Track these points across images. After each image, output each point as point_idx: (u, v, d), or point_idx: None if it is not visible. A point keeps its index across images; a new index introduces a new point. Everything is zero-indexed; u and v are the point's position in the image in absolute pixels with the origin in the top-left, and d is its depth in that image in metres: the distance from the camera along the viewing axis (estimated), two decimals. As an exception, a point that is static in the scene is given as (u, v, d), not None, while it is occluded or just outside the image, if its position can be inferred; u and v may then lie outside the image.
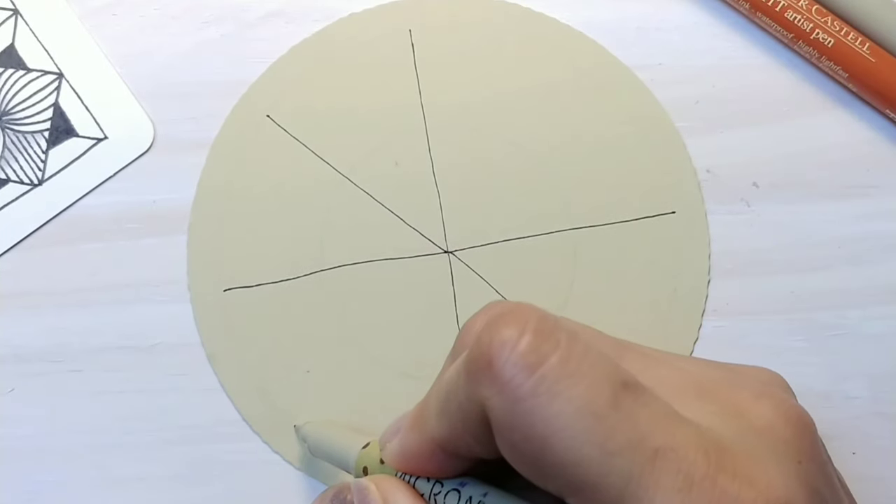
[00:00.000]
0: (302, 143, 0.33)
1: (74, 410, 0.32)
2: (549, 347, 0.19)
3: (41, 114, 0.33)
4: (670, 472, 0.18)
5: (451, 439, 0.21)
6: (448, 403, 0.21)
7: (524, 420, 0.19)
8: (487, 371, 0.19)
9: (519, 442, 0.19)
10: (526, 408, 0.18)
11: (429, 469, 0.23)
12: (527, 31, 0.33)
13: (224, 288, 0.32)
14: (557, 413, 0.18)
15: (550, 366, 0.19)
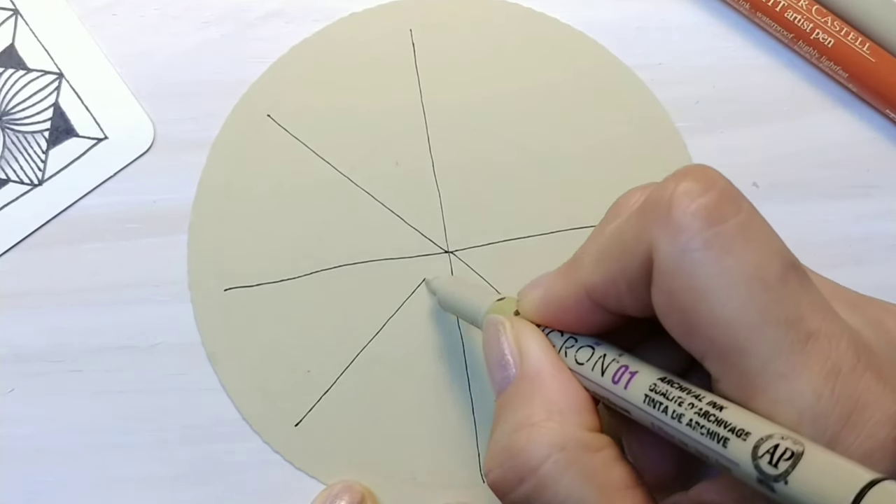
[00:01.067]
0: (302, 142, 0.33)
1: (74, 410, 0.32)
2: (732, 210, 0.19)
3: (41, 114, 0.33)
4: (820, 357, 0.18)
5: (603, 286, 0.21)
6: (609, 249, 0.21)
7: (690, 270, 0.19)
8: (665, 214, 0.19)
9: (678, 290, 0.19)
10: (695, 258, 0.19)
11: (567, 320, 0.23)
12: (527, 31, 0.33)
13: (225, 287, 0.32)
14: (725, 271, 0.18)
15: (729, 225, 0.19)
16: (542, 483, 0.21)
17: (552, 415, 0.21)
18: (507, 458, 0.21)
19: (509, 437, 0.22)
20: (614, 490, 0.21)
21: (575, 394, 0.22)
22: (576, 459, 0.21)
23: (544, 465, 0.21)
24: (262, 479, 0.32)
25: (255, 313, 0.32)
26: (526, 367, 0.23)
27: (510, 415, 0.22)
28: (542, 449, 0.21)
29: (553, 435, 0.21)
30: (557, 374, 0.22)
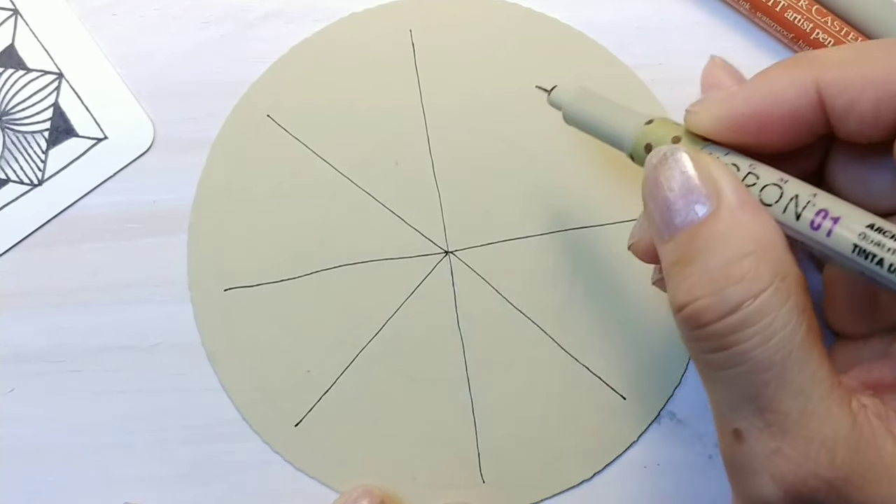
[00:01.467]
0: (302, 142, 0.33)
1: (74, 410, 0.32)
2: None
3: (41, 114, 0.33)
4: None
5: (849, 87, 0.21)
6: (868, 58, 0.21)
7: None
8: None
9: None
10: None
11: (750, 133, 0.22)
12: (527, 32, 0.33)
13: (225, 287, 0.32)
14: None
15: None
16: (762, 309, 0.20)
17: (768, 248, 0.20)
18: (723, 285, 0.20)
19: (724, 267, 0.20)
20: (818, 333, 0.20)
21: (775, 230, 0.21)
22: (794, 291, 0.20)
23: (767, 291, 0.20)
24: (262, 479, 0.32)
25: (255, 313, 0.32)
26: (727, 197, 0.21)
27: (717, 247, 0.21)
28: (766, 276, 0.20)
29: (774, 264, 0.20)
30: (757, 211, 0.21)
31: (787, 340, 0.20)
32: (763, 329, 0.20)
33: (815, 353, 0.20)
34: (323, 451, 0.32)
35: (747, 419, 0.20)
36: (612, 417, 0.31)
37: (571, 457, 0.31)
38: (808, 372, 0.20)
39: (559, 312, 0.32)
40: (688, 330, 0.21)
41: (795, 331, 0.20)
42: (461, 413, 0.32)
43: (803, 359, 0.20)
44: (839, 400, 0.20)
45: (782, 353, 0.20)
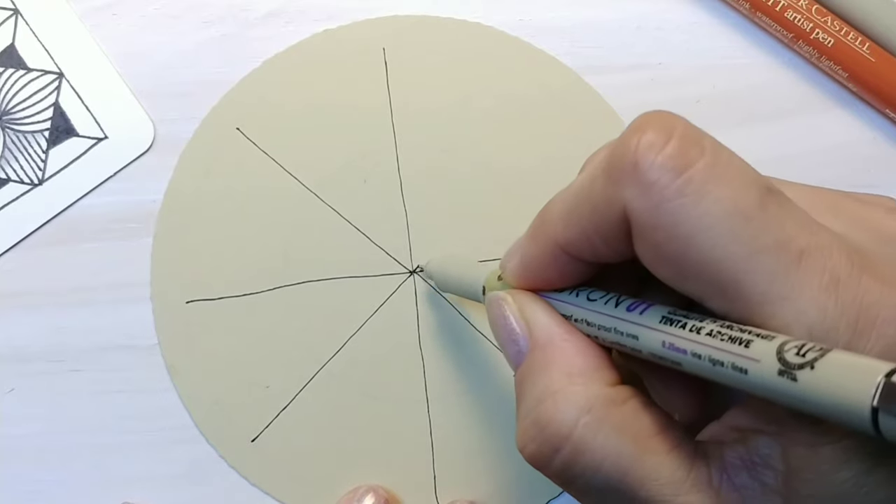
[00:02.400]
0: (271, 157, 0.33)
1: (74, 410, 0.32)
2: (696, 153, 0.19)
3: (41, 113, 0.33)
4: (816, 271, 0.18)
5: (577, 241, 0.22)
6: (578, 208, 0.21)
7: (669, 220, 0.19)
8: (632, 173, 0.19)
9: (662, 242, 0.19)
10: (671, 208, 0.19)
11: (550, 278, 0.23)
12: (499, 54, 0.33)
13: (187, 300, 0.32)
14: (704, 213, 0.19)
15: (697, 169, 0.19)
16: (577, 448, 0.21)
17: (572, 378, 0.21)
18: (537, 432, 0.21)
19: (535, 410, 0.21)
20: (648, 436, 0.21)
21: (589, 353, 0.22)
22: (604, 417, 0.21)
23: (575, 431, 0.21)
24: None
25: (217, 327, 0.32)
26: (536, 336, 0.23)
27: (530, 388, 0.22)
28: (569, 415, 0.21)
29: (577, 398, 0.21)
30: (569, 337, 0.22)
31: (615, 466, 0.20)
32: (588, 465, 0.21)
33: (653, 460, 0.20)
34: (279, 467, 0.32)
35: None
36: None
37: (527, 483, 0.31)
38: (649, 481, 0.20)
39: None
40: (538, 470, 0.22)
41: (620, 453, 0.20)
42: (419, 435, 0.32)
43: (640, 472, 0.20)
44: (695, 486, 0.20)
45: (617, 476, 0.20)
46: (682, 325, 0.19)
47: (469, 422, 0.32)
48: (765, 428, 0.20)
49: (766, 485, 0.20)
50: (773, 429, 0.20)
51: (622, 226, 0.20)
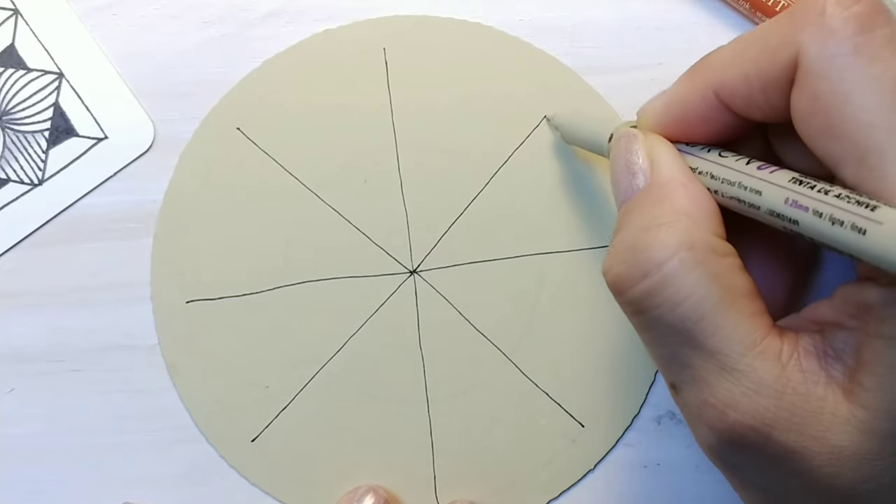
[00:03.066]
0: (271, 157, 0.33)
1: (74, 410, 0.32)
2: (882, 20, 0.20)
3: (41, 113, 0.33)
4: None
5: (734, 84, 0.22)
6: (748, 49, 0.22)
7: (837, 73, 0.20)
8: (818, 19, 0.20)
9: (824, 93, 0.20)
10: (844, 62, 0.20)
11: (689, 120, 0.24)
12: (500, 54, 0.33)
13: (187, 299, 0.32)
14: (874, 76, 0.19)
15: (879, 34, 0.20)
16: (667, 279, 0.21)
17: (681, 217, 0.22)
18: (631, 255, 0.22)
19: (636, 236, 0.22)
20: (737, 294, 0.21)
21: (705, 202, 0.23)
22: (703, 260, 0.21)
23: (671, 262, 0.21)
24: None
25: (217, 327, 0.32)
26: (657, 174, 0.23)
27: (637, 217, 0.23)
28: (669, 246, 0.21)
29: (682, 234, 0.22)
30: (688, 183, 0.23)
31: (696, 306, 0.21)
32: (671, 297, 0.21)
33: (733, 315, 0.21)
34: (279, 467, 0.32)
35: (677, 375, 0.22)
36: (570, 444, 0.31)
37: (527, 483, 0.31)
38: (722, 333, 0.21)
39: (521, 337, 0.32)
40: (614, 295, 0.23)
41: (706, 296, 0.21)
42: (419, 435, 0.32)
43: (717, 322, 0.21)
44: (763, 352, 0.21)
45: (692, 319, 0.21)
46: (811, 187, 0.20)
47: (469, 422, 0.32)
48: (846, 322, 0.21)
49: (832, 377, 0.20)
50: (854, 323, 0.20)
51: (787, 72, 0.21)
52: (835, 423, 0.20)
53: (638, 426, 0.32)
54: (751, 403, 0.21)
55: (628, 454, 0.32)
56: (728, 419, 0.21)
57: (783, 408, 0.20)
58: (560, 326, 0.32)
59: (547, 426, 0.31)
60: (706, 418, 0.21)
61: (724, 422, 0.21)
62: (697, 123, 0.24)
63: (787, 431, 0.20)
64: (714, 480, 0.31)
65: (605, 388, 0.32)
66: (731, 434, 0.21)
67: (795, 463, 0.20)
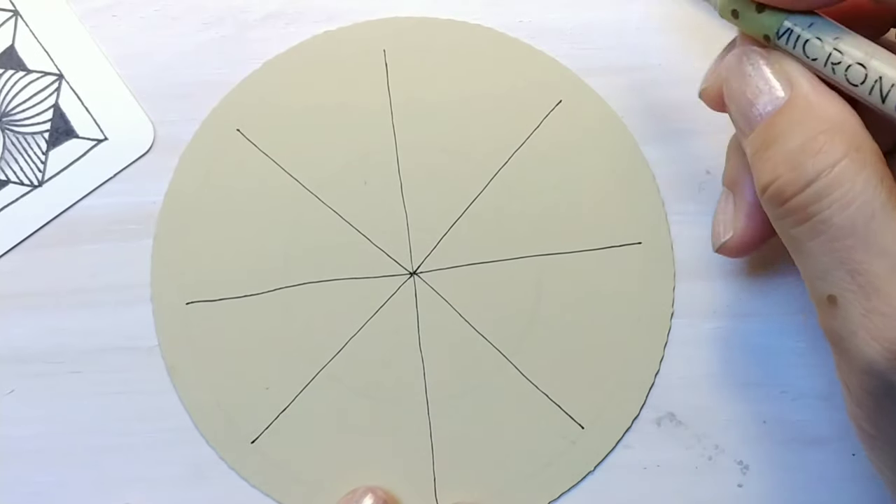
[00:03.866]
0: (271, 158, 0.33)
1: (74, 411, 0.32)
2: None
3: (41, 115, 0.33)
4: None
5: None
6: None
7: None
8: None
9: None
10: None
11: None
12: (500, 55, 0.33)
13: (187, 301, 0.32)
14: None
15: None
16: (839, 177, 0.21)
17: (843, 124, 0.22)
18: (801, 161, 0.22)
19: (802, 143, 0.22)
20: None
21: (849, 111, 0.23)
22: (871, 161, 0.21)
23: (843, 161, 0.21)
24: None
25: (217, 328, 0.32)
26: (799, 87, 0.23)
27: (795, 128, 0.22)
28: (840, 147, 0.21)
29: (849, 136, 0.22)
30: (830, 95, 0.23)
31: (866, 205, 0.21)
32: (842, 196, 0.21)
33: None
34: (279, 468, 0.32)
35: (839, 284, 0.21)
36: (570, 446, 0.31)
37: (527, 484, 0.31)
38: (892, 232, 0.21)
39: (521, 339, 0.32)
40: (773, 208, 0.23)
41: (875, 196, 0.21)
42: (419, 436, 0.32)
43: (886, 221, 0.21)
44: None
45: (863, 218, 0.21)
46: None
47: (469, 423, 0.32)
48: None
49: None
50: None
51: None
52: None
53: (638, 428, 0.32)
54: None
55: (628, 456, 0.32)
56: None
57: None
58: (560, 328, 0.32)
59: (546, 427, 0.31)
60: (875, 329, 0.21)
61: (895, 328, 0.20)
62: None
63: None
64: (714, 482, 0.31)
65: (605, 389, 0.32)
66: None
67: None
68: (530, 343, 0.32)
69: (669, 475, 0.31)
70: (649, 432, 0.32)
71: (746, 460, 0.31)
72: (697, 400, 0.32)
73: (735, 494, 0.31)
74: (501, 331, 0.32)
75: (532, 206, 0.32)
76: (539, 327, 0.32)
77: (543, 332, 0.32)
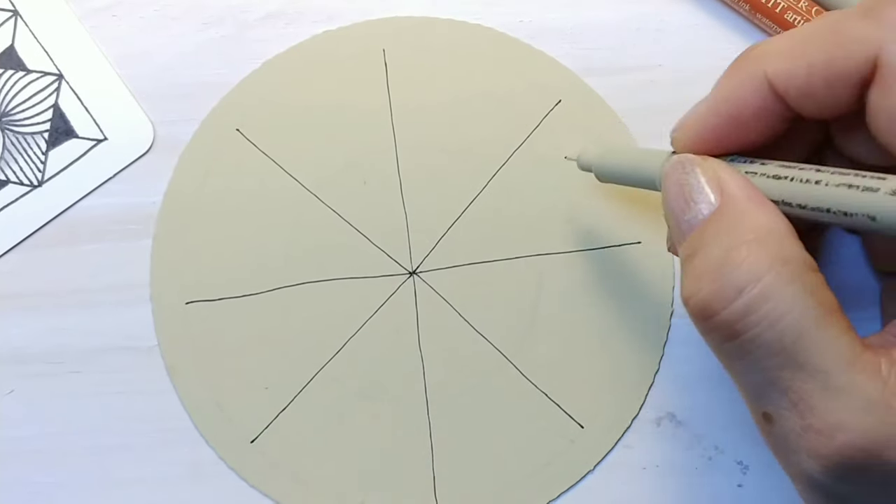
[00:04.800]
0: (271, 158, 0.33)
1: (74, 411, 0.32)
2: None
3: (41, 115, 0.33)
4: None
5: (796, 77, 0.22)
6: (814, 40, 0.21)
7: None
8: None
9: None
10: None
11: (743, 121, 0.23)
12: (499, 55, 0.33)
13: (186, 301, 0.32)
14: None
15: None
16: (765, 294, 0.20)
17: (769, 234, 0.21)
18: (722, 274, 0.21)
19: (725, 254, 0.21)
20: (833, 309, 0.21)
21: (780, 219, 0.22)
22: (799, 274, 0.20)
23: (768, 276, 0.20)
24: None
25: (216, 328, 0.32)
26: (729, 195, 0.22)
27: (721, 237, 0.22)
28: (764, 260, 0.21)
29: (775, 248, 0.21)
30: (761, 203, 0.22)
31: (795, 322, 0.20)
32: (769, 313, 0.20)
33: (832, 330, 0.20)
34: (278, 468, 0.32)
35: (773, 402, 0.21)
36: (569, 445, 0.31)
37: (527, 484, 0.31)
38: (824, 349, 0.20)
39: (521, 338, 0.32)
40: (699, 322, 0.22)
41: (804, 312, 0.20)
42: (418, 436, 0.31)
43: (818, 338, 0.20)
44: (864, 368, 0.20)
45: (792, 336, 0.20)
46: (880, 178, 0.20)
47: (469, 421, 0.32)
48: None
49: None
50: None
51: (860, 68, 0.20)
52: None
53: (637, 428, 0.32)
54: (859, 422, 0.19)
55: (628, 455, 0.32)
56: (836, 442, 0.20)
57: (891, 423, 0.19)
58: (559, 327, 0.32)
59: (546, 427, 0.31)
60: (810, 445, 0.20)
61: (831, 446, 0.20)
62: (749, 120, 0.23)
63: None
64: (714, 482, 0.31)
65: (605, 389, 0.32)
66: (839, 458, 0.20)
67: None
68: (530, 343, 0.32)
69: (669, 475, 0.32)
70: (649, 432, 0.32)
71: (746, 460, 0.31)
72: (697, 400, 0.32)
73: (735, 494, 0.31)
74: (501, 330, 0.32)
75: (531, 205, 0.32)
76: (539, 327, 0.32)
77: (543, 332, 0.32)
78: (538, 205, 0.32)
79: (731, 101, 0.23)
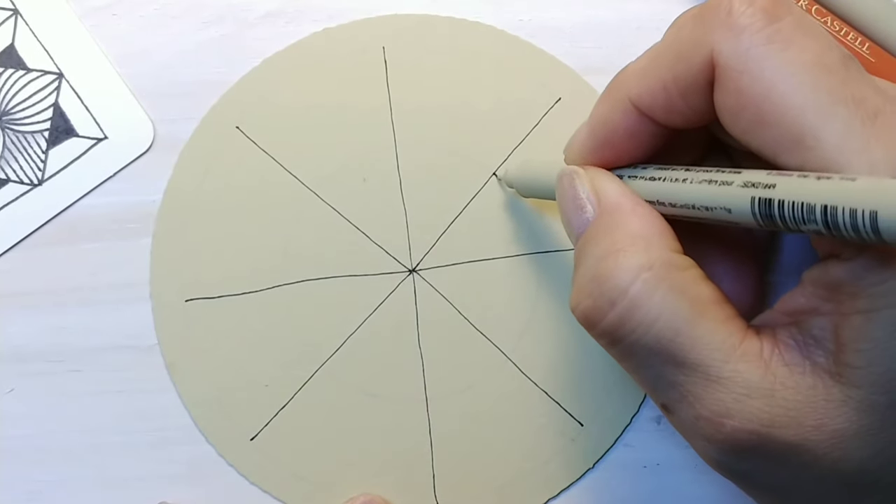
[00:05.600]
0: (270, 155, 0.33)
1: (74, 410, 0.32)
2: (785, 10, 0.21)
3: (41, 114, 0.33)
4: (891, 129, 0.19)
5: (654, 95, 0.22)
6: (660, 58, 0.22)
7: (755, 64, 0.20)
8: (726, 18, 0.21)
9: (746, 87, 0.20)
10: (759, 53, 0.20)
11: (616, 140, 0.24)
12: (499, 53, 0.33)
13: (186, 298, 0.32)
14: (791, 60, 0.20)
15: (786, 22, 0.20)
16: (634, 303, 0.21)
17: (636, 240, 0.22)
18: (595, 287, 0.22)
19: (596, 267, 0.22)
20: (706, 303, 0.21)
21: (655, 221, 0.23)
22: (664, 276, 0.21)
23: (634, 285, 0.21)
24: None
25: (216, 325, 0.32)
26: (604, 204, 0.23)
27: (593, 249, 0.23)
28: (629, 270, 0.22)
29: (639, 257, 0.22)
30: (635, 207, 0.23)
31: (669, 324, 0.21)
32: (641, 319, 0.21)
33: (707, 324, 0.21)
34: (278, 466, 0.31)
35: (667, 395, 0.22)
36: (569, 443, 0.31)
37: (526, 482, 0.31)
38: (701, 345, 0.21)
39: (520, 336, 0.32)
40: (587, 330, 0.23)
41: (676, 313, 0.21)
42: (418, 434, 0.31)
43: (693, 335, 0.21)
44: (745, 355, 0.21)
45: (667, 337, 0.21)
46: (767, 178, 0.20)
47: (468, 420, 0.32)
48: (819, 306, 0.21)
49: (816, 363, 0.20)
50: (829, 307, 0.20)
51: (704, 73, 0.21)
52: (830, 408, 0.20)
53: (637, 426, 0.32)
54: (744, 408, 0.21)
55: (628, 454, 0.32)
56: (725, 429, 0.21)
57: (776, 405, 0.20)
58: (559, 325, 0.32)
59: (546, 425, 0.31)
60: (703, 433, 0.21)
61: (721, 432, 0.21)
62: (624, 140, 0.24)
63: (785, 427, 0.20)
64: (713, 481, 0.31)
65: (605, 387, 0.32)
66: (731, 443, 0.21)
67: (801, 456, 0.20)
68: (529, 340, 0.32)
69: (669, 473, 0.31)
70: (649, 430, 0.32)
71: (747, 459, 0.31)
72: (697, 398, 0.32)
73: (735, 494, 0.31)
74: (500, 328, 0.32)
75: (533, 203, 0.32)
76: (538, 325, 0.32)
77: (542, 330, 0.32)
78: (539, 202, 0.32)
79: (605, 125, 0.24)
